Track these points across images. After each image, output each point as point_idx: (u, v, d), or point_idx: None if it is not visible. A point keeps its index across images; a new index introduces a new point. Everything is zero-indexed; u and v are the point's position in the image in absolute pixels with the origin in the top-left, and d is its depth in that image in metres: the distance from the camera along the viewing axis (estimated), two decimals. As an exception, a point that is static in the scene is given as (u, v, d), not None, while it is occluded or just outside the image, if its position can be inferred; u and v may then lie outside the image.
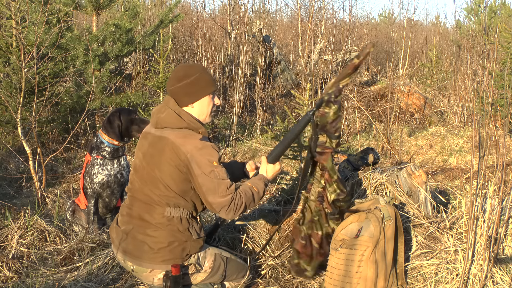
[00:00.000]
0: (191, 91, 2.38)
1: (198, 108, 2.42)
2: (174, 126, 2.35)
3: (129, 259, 2.38)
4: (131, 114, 3.48)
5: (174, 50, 9.66)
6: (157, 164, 2.34)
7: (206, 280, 2.49)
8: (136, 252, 2.36)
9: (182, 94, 2.38)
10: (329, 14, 11.44)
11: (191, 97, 2.39)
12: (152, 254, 2.33)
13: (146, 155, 2.39)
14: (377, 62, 12.71)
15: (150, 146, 2.38)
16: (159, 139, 2.35)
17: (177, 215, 2.35)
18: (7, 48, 4.95)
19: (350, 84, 9.04)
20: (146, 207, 2.37)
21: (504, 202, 2.73)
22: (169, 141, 2.31)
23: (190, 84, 2.37)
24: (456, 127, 7.43)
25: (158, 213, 2.35)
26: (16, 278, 2.98)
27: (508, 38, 7.36)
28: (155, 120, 2.42)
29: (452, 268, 2.67)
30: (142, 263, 2.35)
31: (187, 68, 2.41)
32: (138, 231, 2.37)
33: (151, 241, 2.34)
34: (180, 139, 2.30)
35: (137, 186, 2.42)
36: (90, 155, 3.51)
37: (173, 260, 2.34)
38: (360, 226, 2.55)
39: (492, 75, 6.29)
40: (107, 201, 3.59)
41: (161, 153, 2.33)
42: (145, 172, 2.38)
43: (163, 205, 2.34)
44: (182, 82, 2.37)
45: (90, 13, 6.71)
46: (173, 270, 2.30)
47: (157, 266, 2.34)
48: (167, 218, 2.34)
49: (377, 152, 3.25)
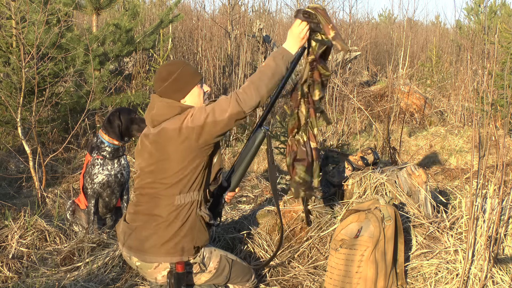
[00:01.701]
0: (178, 87, 2.41)
1: (190, 100, 2.44)
2: (169, 115, 2.36)
3: (134, 254, 2.38)
4: (131, 114, 3.48)
5: (174, 50, 9.66)
6: (165, 156, 2.34)
7: (210, 281, 2.49)
8: (142, 246, 2.36)
9: (171, 92, 2.40)
10: (329, 14, 11.42)
11: (180, 93, 2.41)
12: (159, 247, 2.33)
13: (152, 152, 2.40)
14: (377, 62, 12.71)
15: (153, 143, 2.39)
16: (158, 134, 2.37)
17: (188, 200, 2.36)
18: (7, 48, 4.94)
19: (350, 84, 9.04)
20: (155, 202, 2.37)
21: (504, 202, 2.73)
22: (169, 129, 2.33)
23: (175, 81, 2.40)
24: (456, 127, 7.43)
25: (167, 204, 2.35)
26: (16, 278, 2.98)
27: (508, 38, 7.36)
28: (149, 119, 2.43)
29: (452, 268, 2.67)
30: (147, 257, 2.35)
31: (168, 67, 2.44)
32: (145, 226, 2.37)
33: (158, 234, 2.34)
34: (177, 121, 2.33)
35: (146, 183, 2.42)
36: (90, 155, 3.51)
37: (178, 252, 2.33)
38: (360, 226, 2.55)
39: (492, 75, 6.29)
40: (107, 201, 3.59)
41: (166, 143, 2.34)
42: (153, 168, 2.39)
43: (173, 196, 2.34)
44: (167, 81, 2.40)
45: (90, 13, 6.71)
46: (178, 267, 2.30)
47: (162, 259, 2.34)
48: (177, 206, 2.34)
49: (376, 152, 3.26)
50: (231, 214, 3.59)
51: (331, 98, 6.81)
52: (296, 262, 2.98)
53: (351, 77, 9.65)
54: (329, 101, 6.74)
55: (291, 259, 3.00)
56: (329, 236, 3.03)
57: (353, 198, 3.12)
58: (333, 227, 3.03)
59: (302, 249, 3.03)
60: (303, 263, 2.97)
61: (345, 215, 2.68)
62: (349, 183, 3.18)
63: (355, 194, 3.12)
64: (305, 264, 2.96)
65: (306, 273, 2.89)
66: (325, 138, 5.86)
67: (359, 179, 3.14)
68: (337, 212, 3.15)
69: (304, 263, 2.97)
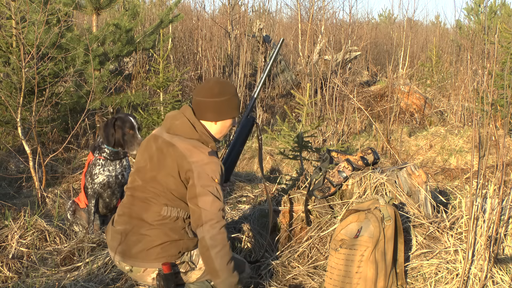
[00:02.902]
0: (221, 109, 2.41)
1: (220, 127, 2.46)
2: (186, 135, 2.38)
3: (123, 260, 2.39)
4: (124, 126, 3.44)
5: (174, 50, 9.66)
6: (161, 168, 2.36)
7: (202, 277, 2.49)
8: (131, 252, 2.37)
9: (210, 109, 2.41)
10: (329, 14, 11.42)
11: (218, 115, 2.43)
12: (145, 252, 2.34)
13: (153, 157, 2.41)
14: (377, 62, 12.71)
15: (158, 150, 2.40)
16: (167, 145, 2.37)
17: (173, 215, 2.37)
18: (7, 48, 4.94)
19: (350, 84, 9.04)
20: (145, 206, 2.38)
21: (504, 202, 2.73)
22: (177, 150, 2.33)
23: (222, 103, 2.41)
24: (456, 127, 7.43)
25: (155, 211, 2.36)
26: (16, 278, 2.98)
27: (508, 38, 7.36)
28: (168, 125, 2.44)
29: (452, 268, 2.67)
30: (136, 262, 2.36)
31: (223, 86, 2.44)
32: (135, 231, 2.38)
33: (145, 240, 2.35)
34: (188, 149, 2.33)
35: (137, 185, 2.43)
36: (92, 154, 3.52)
37: (165, 258, 2.34)
38: (359, 226, 2.55)
39: (492, 75, 6.29)
40: (107, 201, 3.59)
41: (166, 159, 2.35)
42: (148, 173, 2.40)
43: (161, 204, 2.36)
44: (215, 98, 2.40)
45: (90, 13, 6.71)
46: (164, 268, 2.31)
47: (150, 264, 2.35)
48: (163, 217, 2.35)
49: (377, 152, 3.25)
50: (231, 214, 3.59)
51: (331, 98, 6.81)
52: (296, 262, 2.98)
53: (351, 77, 9.65)
54: (329, 101, 6.74)
55: (291, 259, 3.00)
56: (329, 236, 3.03)
57: (353, 198, 3.12)
58: (333, 227, 3.03)
59: (302, 249, 3.03)
60: (303, 263, 2.97)
61: (345, 215, 2.68)
62: (349, 183, 3.17)
63: (355, 194, 3.12)
64: (305, 264, 2.96)
65: (306, 273, 2.89)
66: (325, 138, 5.86)
67: (359, 179, 3.13)
68: (337, 212, 3.15)
69: (304, 263, 2.97)
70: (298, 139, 4.18)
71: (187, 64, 9.47)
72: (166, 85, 5.56)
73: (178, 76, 6.38)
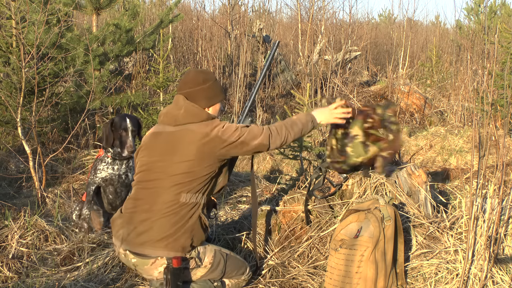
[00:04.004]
0: (210, 95, 2.53)
1: (212, 112, 2.56)
2: (196, 119, 2.45)
3: (131, 249, 2.39)
4: (121, 127, 3.45)
5: (174, 50, 9.66)
6: (178, 153, 2.39)
7: (205, 276, 2.50)
8: (139, 239, 2.36)
9: (200, 97, 2.51)
10: (329, 14, 11.43)
11: (209, 100, 2.54)
12: (155, 241, 2.34)
13: (164, 150, 2.43)
14: (377, 62, 12.71)
15: (167, 142, 2.44)
16: (179, 132, 2.43)
17: (192, 200, 2.40)
18: (7, 48, 4.94)
19: (350, 84, 9.04)
20: (157, 196, 2.39)
21: (504, 202, 2.73)
22: (196, 132, 2.40)
23: (209, 89, 2.53)
24: (456, 127, 7.43)
25: (170, 200, 2.37)
26: (16, 278, 2.98)
27: (508, 38, 7.36)
28: (172, 118, 2.47)
29: (452, 268, 2.68)
30: (145, 249, 2.36)
31: (205, 74, 2.58)
32: (144, 220, 2.38)
33: (156, 229, 2.35)
34: (204, 127, 2.42)
35: (148, 178, 2.44)
36: (104, 151, 3.55)
37: (175, 247, 2.35)
38: (359, 226, 2.55)
39: (492, 75, 6.28)
40: (110, 198, 3.59)
41: (186, 143, 2.39)
42: (162, 164, 2.42)
43: (180, 192, 2.38)
44: (202, 85, 2.52)
45: (90, 13, 6.71)
46: (174, 262, 2.30)
47: (160, 253, 2.35)
48: (181, 204, 2.37)
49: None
50: (231, 214, 3.59)
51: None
52: (296, 262, 2.98)
53: (351, 77, 9.65)
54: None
55: (291, 259, 3.00)
56: (329, 236, 3.03)
57: (353, 198, 3.12)
58: (333, 227, 3.03)
59: (302, 249, 3.03)
60: (303, 263, 2.97)
61: (345, 215, 2.68)
62: (349, 183, 3.18)
63: (355, 194, 3.12)
64: (305, 264, 2.96)
65: (306, 273, 2.89)
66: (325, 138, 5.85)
67: (359, 179, 3.14)
68: (337, 212, 3.15)
69: (304, 263, 2.96)
70: (298, 139, 4.18)
71: (187, 64, 9.47)
72: (166, 85, 5.57)
73: (178, 76, 6.39)
